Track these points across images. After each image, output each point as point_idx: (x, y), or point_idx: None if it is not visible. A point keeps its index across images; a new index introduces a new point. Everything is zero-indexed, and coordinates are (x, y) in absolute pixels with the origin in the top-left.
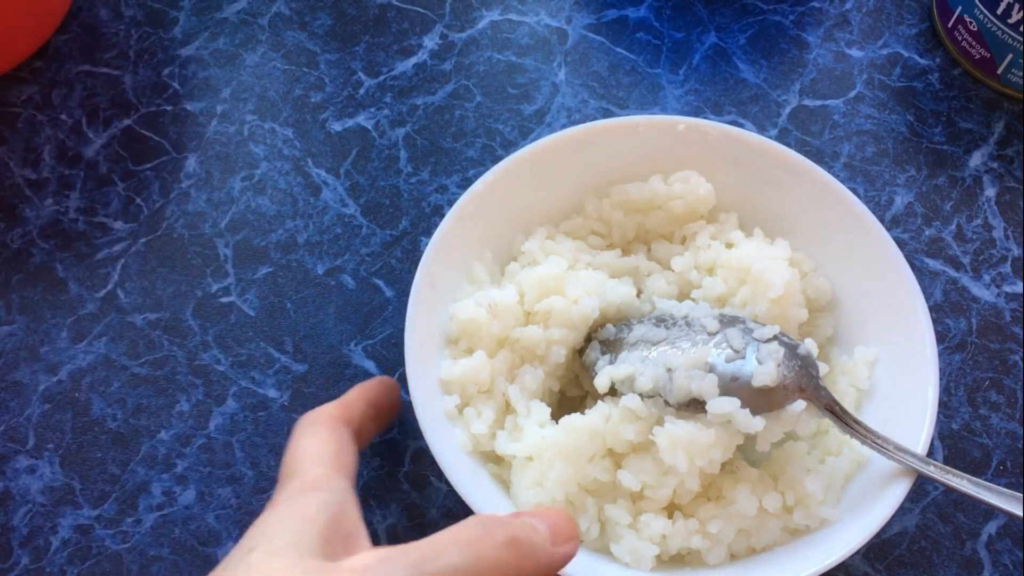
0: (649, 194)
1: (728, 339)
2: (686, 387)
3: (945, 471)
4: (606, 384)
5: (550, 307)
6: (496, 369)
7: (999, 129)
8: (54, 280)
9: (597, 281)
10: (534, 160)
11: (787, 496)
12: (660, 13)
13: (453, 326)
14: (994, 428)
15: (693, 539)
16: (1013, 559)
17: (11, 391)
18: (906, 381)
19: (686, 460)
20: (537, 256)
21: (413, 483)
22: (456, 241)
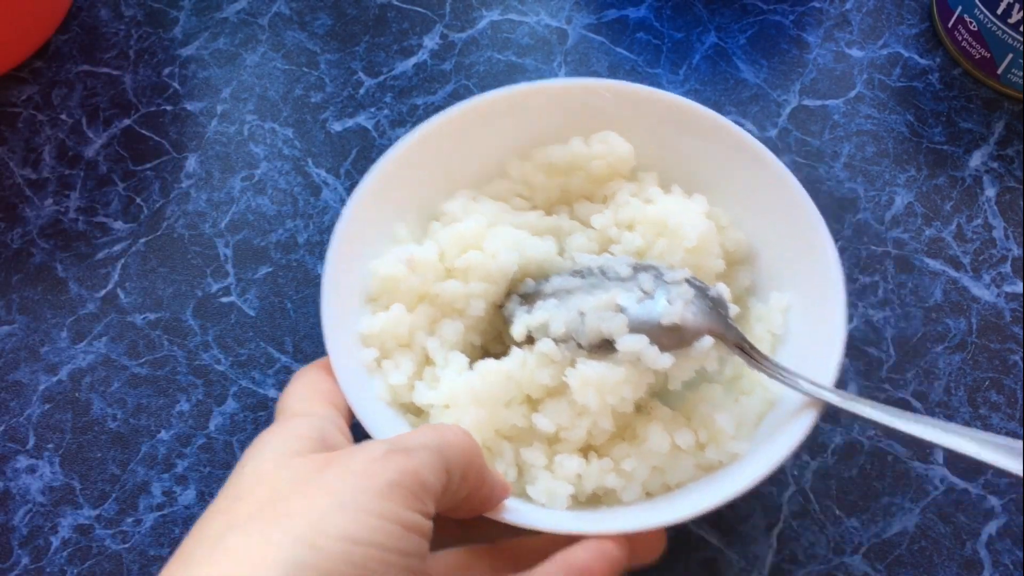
0: (570, 156)
1: (639, 283)
2: (597, 328)
3: (851, 399)
4: (522, 332)
5: (469, 262)
6: (416, 323)
7: (999, 129)
8: (54, 280)
9: (516, 237)
10: (456, 123)
11: (699, 433)
12: (660, 13)
13: (373, 283)
14: (994, 428)
15: (608, 478)
16: (1013, 559)
17: (11, 391)
18: (818, 324)
19: (597, 399)
20: (459, 216)
21: None
22: (377, 200)
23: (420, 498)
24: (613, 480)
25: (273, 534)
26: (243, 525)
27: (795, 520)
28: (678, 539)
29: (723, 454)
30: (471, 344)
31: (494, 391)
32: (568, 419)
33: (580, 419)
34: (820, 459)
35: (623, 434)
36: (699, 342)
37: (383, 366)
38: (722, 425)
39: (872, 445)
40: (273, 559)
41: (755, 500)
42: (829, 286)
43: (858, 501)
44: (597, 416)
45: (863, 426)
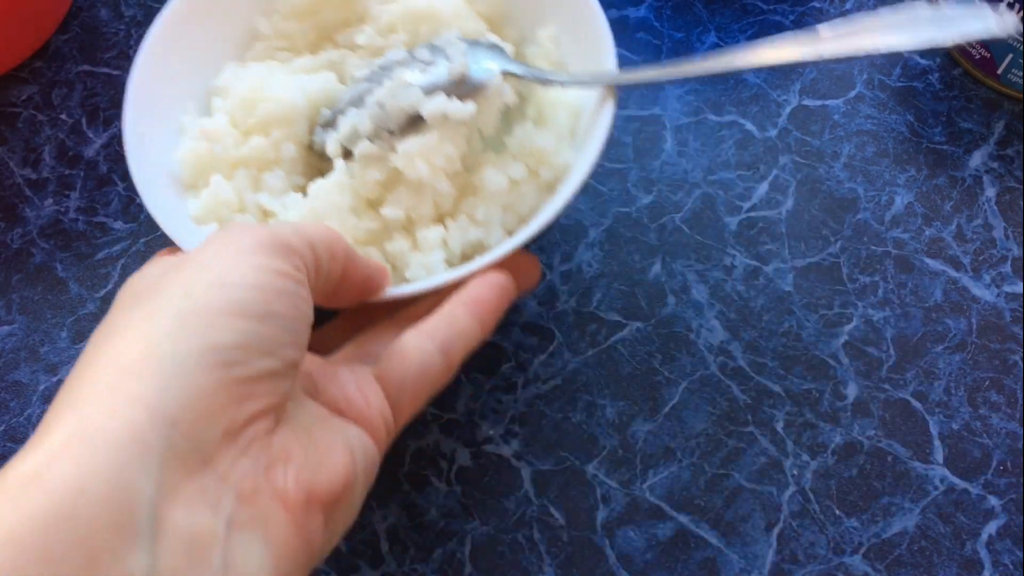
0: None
1: (418, 57)
2: (398, 108)
3: (633, 70)
4: (336, 149)
5: (261, 115)
6: (240, 187)
7: (999, 129)
8: (54, 280)
9: (296, 81)
10: (192, 5)
11: (528, 162)
12: (660, 13)
13: (183, 171)
14: (994, 428)
15: (469, 232)
16: (1013, 559)
17: (11, 391)
18: (586, 37)
19: (427, 167)
20: (233, 85)
21: (413, 483)
22: (151, 99)
23: (288, 256)
24: (474, 232)
25: (154, 301)
26: (125, 311)
27: (795, 520)
28: (678, 539)
29: (555, 169)
30: (299, 188)
31: (335, 204)
32: (411, 199)
33: (421, 195)
34: (820, 459)
35: (466, 192)
36: (490, 79)
37: None
38: (543, 145)
39: (872, 445)
40: (154, 317)
41: (755, 500)
42: (584, 5)
43: (858, 501)
44: (434, 183)
45: (863, 426)
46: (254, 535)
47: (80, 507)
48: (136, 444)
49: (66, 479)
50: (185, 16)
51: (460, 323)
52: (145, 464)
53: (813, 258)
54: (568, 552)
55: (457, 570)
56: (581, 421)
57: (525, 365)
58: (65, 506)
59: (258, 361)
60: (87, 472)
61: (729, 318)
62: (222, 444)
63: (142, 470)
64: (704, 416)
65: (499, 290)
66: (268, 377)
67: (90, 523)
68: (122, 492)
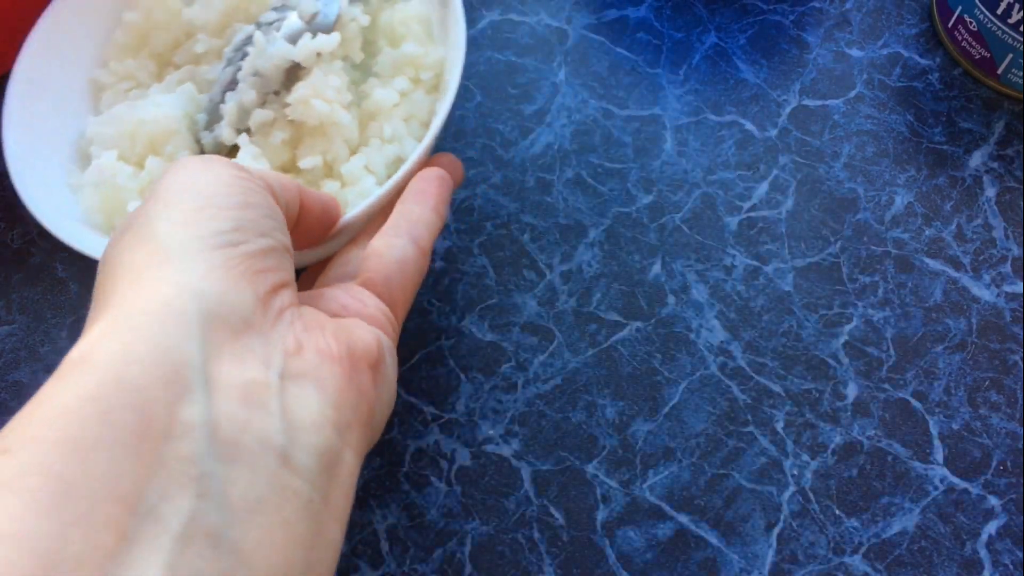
0: (139, 26)
1: (266, 22)
2: (273, 65)
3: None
4: (231, 134)
5: (146, 138)
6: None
7: (999, 129)
8: (54, 280)
9: (162, 99)
10: (34, 71)
11: (406, 72)
12: (660, 13)
13: (96, 217)
14: (994, 428)
15: (385, 151)
16: (1013, 559)
17: (11, 391)
18: None
19: (323, 102)
20: (104, 129)
21: (413, 483)
22: (29, 165)
23: (246, 171)
24: (389, 149)
25: (142, 224)
26: (118, 242)
27: (795, 520)
28: (678, 539)
29: (432, 66)
30: None
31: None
32: (322, 143)
33: (329, 135)
34: (820, 459)
35: (365, 121)
36: (340, 8)
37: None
38: (411, 52)
39: (872, 445)
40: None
41: (755, 500)
42: None
43: (858, 501)
44: (335, 119)
45: (863, 426)
46: (307, 384)
47: (129, 375)
48: (172, 314)
49: (112, 354)
50: (30, 81)
51: (416, 213)
52: (185, 330)
53: (813, 258)
54: (568, 552)
55: (457, 570)
56: (581, 421)
57: (525, 365)
58: (114, 376)
59: (257, 239)
60: (131, 346)
61: (729, 318)
62: (256, 309)
63: (184, 335)
64: (704, 416)
65: (437, 179)
66: (272, 252)
67: (141, 387)
68: (168, 355)
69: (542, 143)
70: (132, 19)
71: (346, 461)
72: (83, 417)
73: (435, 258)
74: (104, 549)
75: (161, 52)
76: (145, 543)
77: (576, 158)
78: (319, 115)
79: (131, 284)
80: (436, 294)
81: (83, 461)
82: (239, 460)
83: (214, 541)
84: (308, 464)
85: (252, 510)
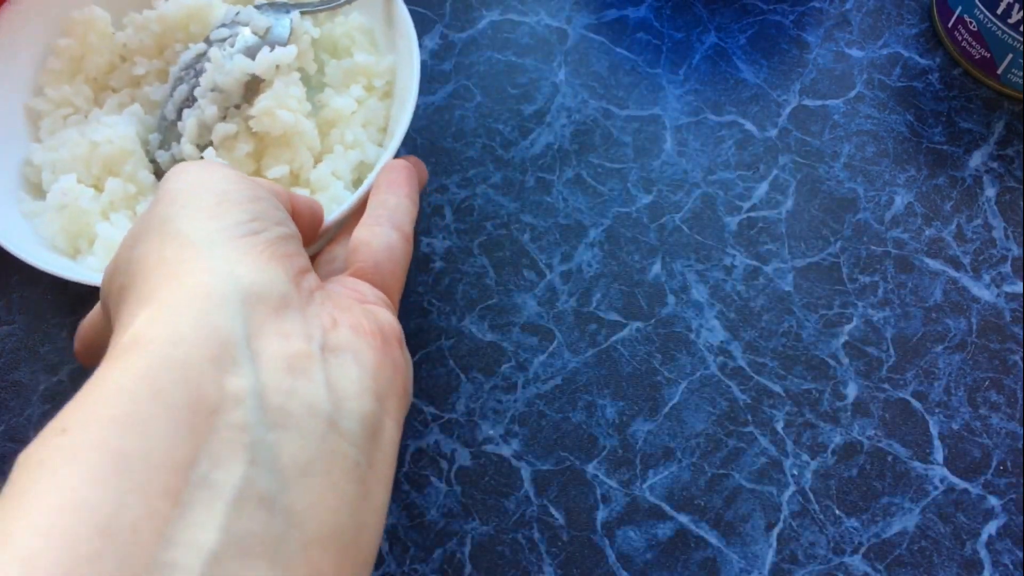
0: (72, 55)
1: (217, 39)
2: (233, 80)
3: None
4: (194, 153)
5: (103, 159)
6: (125, 228)
7: (999, 129)
8: (54, 280)
9: (110, 120)
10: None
11: (359, 79)
12: (660, 13)
13: (61, 241)
14: (994, 428)
15: (350, 156)
16: (1013, 559)
17: (11, 391)
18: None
19: (288, 112)
20: (55, 155)
21: (413, 483)
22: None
23: (240, 173)
24: (353, 154)
25: (160, 223)
26: (139, 238)
27: (795, 520)
28: (678, 539)
29: (383, 74)
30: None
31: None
32: (287, 152)
33: (293, 144)
34: (820, 459)
35: (325, 129)
36: (291, 22)
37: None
38: (362, 61)
39: (872, 445)
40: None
41: (755, 500)
42: None
43: (858, 501)
44: (299, 128)
45: (863, 426)
46: (347, 356)
47: (178, 354)
48: (213, 297)
49: (161, 337)
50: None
51: (392, 201)
52: (227, 310)
53: (813, 258)
54: (568, 552)
55: (457, 570)
56: (581, 421)
57: (525, 365)
58: (164, 356)
59: (275, 227)
60: (177, 327)
61: (729, 318)
62: (290, 289)
63: (226, 315)
64: (704, 416)
65: (405, 170)
66: (290, 239)
67: (190, 363)
68: (214, 334)
69: (542, 143)
70: (66, 44)
71: (387, 428)
72: (136, 395)
73: (435, 258)
74: (160, 515)
75: (96, 77)
76: (200, 508)
77: (576, 158)
78: (284, 125)
79: (168, 277)
80: (436, 294)
81: (138, 435)
82: (288, 426)
83: (267, 504)
84: (353, 429)
85: (303, 473)
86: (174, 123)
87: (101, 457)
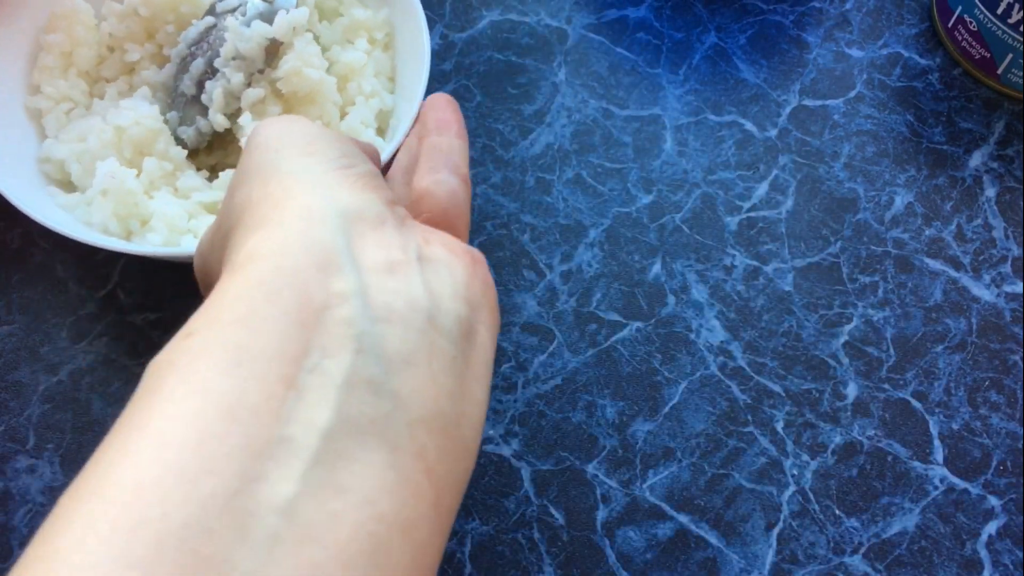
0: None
1: (224, 10)
2: (255, 45)
3: None
4: (223, 121)
5: (136, 139)
6: (177, 203)
7: (999, 129)
8: (54, 280)
9: (128, 104)
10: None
11: (359, 34)
12: (660, 13)
13: (112, 224)
14: (994, 428)
15: (372, 104)
16: (1013, 559)
17: (11, 391)
18: None
19: (315, 70)
20: (76, 146)
21: None
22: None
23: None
24: (374, 102)
25: (259, 167)
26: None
27: (795, 520)
28: (678, 539)
29: (381, 26)
30: (212, 172)
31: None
32: (314, 109)
33: (319, 101)
34: (820, 459)
35: (342, 83)
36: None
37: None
38: (361, 15)
39: (872, 445)
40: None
41: (755, 500)
42: None
43: (858, 501)
44: (323, 84)
45: (863, 426)
46: (441, 267)
47: (287, 263)
48: (316, 216)
49: (271, 250)
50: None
51: (444, 144)
52: (330, 226)
53: (813, 258)
54: (568, 552)
55: (457, 570)
56: (581, 421)
57: (525, 365)
58: (275, 265)
59: (363, 164)
60: (285, 242)
61: (729, 318)
62: (386, 211)
63: (329, 230)
64: (704, 416)
65: (450, 105)
66: (377, 175)
67: (298, 269)
68: (318, 245)
69: (542, 143)
70: (56, 40)
71: (480, 334)
72: (252, 299)
73: None
74: (277, 398)
75: (88, 70)
76: (313, 392)
77: (576, 158)
78: (311, 83)
79: (273, 207)
80: None
81: (255, 332)
82: (391, 320)
83: (374, 388)
84: (450, 327)
85: (406, 362)
86: (194, 98)
87: (224, 353)
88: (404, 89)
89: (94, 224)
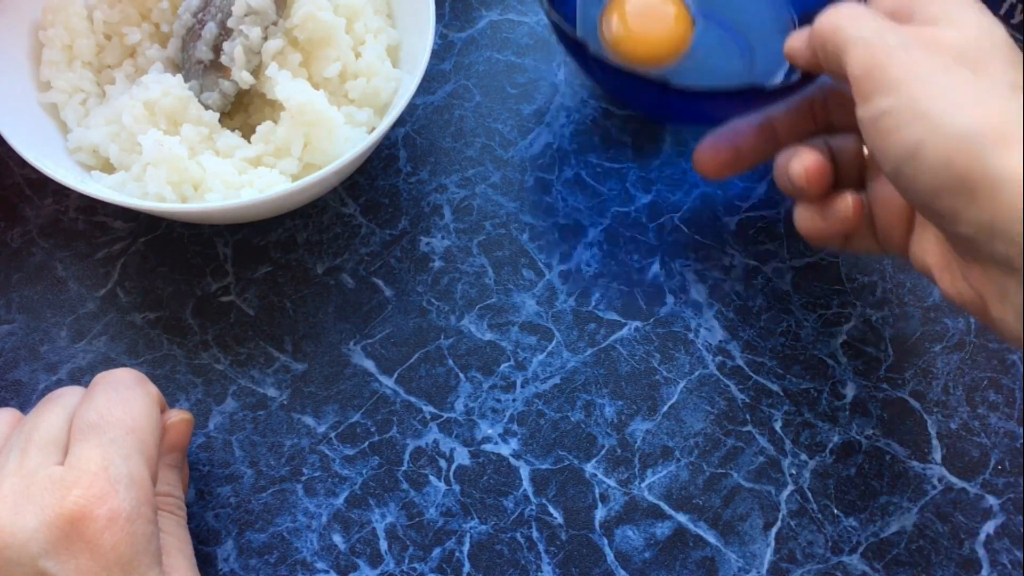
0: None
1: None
2: (264, 2)
3: None
4: (248, 78)
5: (168, 110)
6: (227, 161)
7: None
8: (54, 279)
9: (149, 80)
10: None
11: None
12: None
13: (169, 190)
14: (992, 427)
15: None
16: (1012, 559)
17: (11, 390)
18: None
19: (329, 14)
20: (108, 128)
21: (412, 482)
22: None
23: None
24: (382, 38)
25: None
26: None
27: (793, 519)
28: (676, 538)
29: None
30: (250, 131)
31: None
32: (335, 51)
33: (337, 42)
34: (818, 459)
35: (351, 24)
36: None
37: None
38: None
39: (870, 445)
40: None
41: (753, 499)
42: None
43: (856, 501)
44: (338, 25)
45: (861, 425)
46: None
47: None
48: None
49: None
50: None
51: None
52: None
53: (811, 258)
54: (567, 551)
55: (456, 569)
56: (580, 420)
57: (524, 364)
58: None
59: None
60: None
61: (728, 317)
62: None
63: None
64: (703, 415)
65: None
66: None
67: None
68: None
69: (541, 143)
70: (55, 34)
71: None
72: None
73: (434, 257)
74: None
75: (90, 60)
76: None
77: (575, 158)
78: (327, 25)
79: None
80: (435, 293)
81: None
82: None
83: None
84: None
85: None
86: (212, 63)
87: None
88: (407, 23)
89: (150, 195)
